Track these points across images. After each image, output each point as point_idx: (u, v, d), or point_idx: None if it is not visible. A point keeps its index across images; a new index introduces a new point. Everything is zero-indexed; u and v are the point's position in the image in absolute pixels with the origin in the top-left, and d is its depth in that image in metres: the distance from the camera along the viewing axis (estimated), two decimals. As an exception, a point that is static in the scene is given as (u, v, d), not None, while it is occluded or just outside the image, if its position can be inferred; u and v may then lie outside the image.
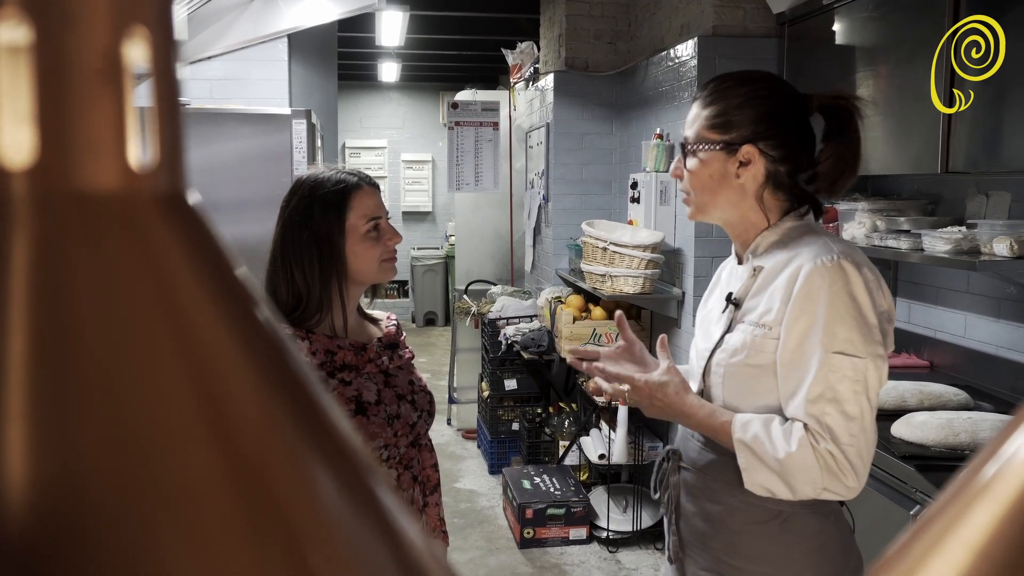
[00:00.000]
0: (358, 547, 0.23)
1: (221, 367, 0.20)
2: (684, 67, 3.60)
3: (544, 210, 5.00)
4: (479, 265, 5.96)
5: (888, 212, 3.02)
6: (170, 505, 0.19)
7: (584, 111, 4.67)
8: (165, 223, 0.20)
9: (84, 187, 0.19)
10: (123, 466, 0.19)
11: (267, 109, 3.49)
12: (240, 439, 0.20)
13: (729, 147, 1.42)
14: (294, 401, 0.22)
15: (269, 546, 0.20)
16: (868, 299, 1.34)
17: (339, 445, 0.23)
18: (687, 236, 3.60)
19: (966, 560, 0.26)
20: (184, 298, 0.20)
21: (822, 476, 1.31)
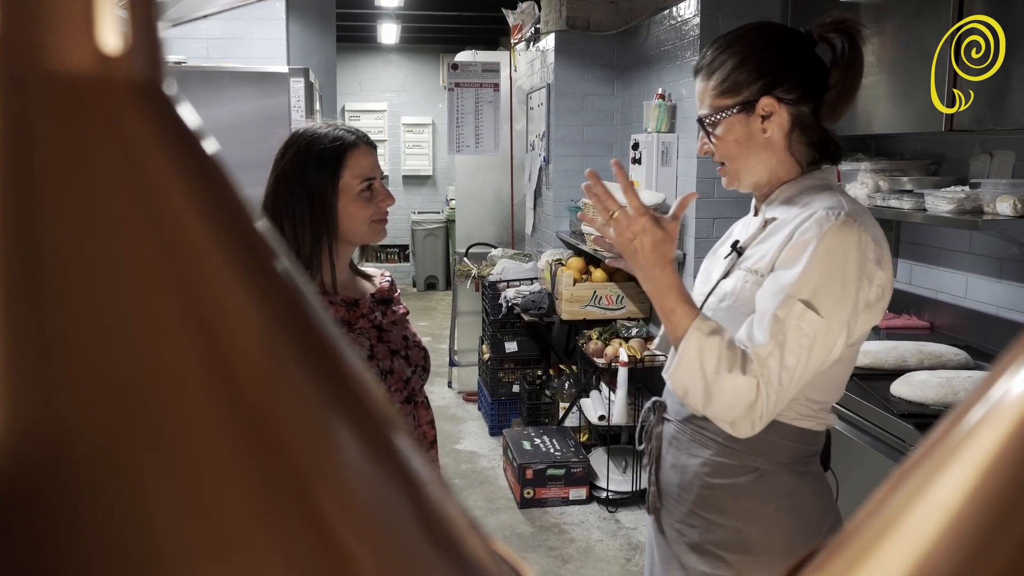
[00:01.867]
0: (370, 490, 0.22)
1: (200, 257, 0.20)
2: (686, 26, 3.55)
3: (545, 172, 4.97)
4: (479, 228, 5.94)
5: (891, 172, 3.00)
6: (154, 425, 0.19)
7: (585, 72, 4.62)
8: (138, 109, 0.20)
9: (53, 67, 0.18)
10: (99, 359, 0.18)
11: (264, 67, 3.45)
12: (222, 330, 0.19)
13: (746, 106, 1.39)
14: (277, 294, 0.21)
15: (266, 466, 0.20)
16: (858, 265, 1.30)
17: (330, 349, 0.23)
18: (688, 197, 3.59)
19: (937, 523, 0.25)
20: (159, 185, 0.19)
21: (744, 410, 1.28)
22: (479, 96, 5.35)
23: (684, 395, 1.32)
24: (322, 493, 0.21)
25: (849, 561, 0.29)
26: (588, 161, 4.72)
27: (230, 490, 0.19)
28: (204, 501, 0.19)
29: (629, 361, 3.71)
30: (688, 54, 3.54)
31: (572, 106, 4.66)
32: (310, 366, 0.22)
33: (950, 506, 0.26)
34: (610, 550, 3.53)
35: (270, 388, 0.21)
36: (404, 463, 0.25)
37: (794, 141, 1.42)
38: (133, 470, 0.18)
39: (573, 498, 3.90)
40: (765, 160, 1.42)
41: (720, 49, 1.42)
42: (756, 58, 1.39)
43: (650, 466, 1.55)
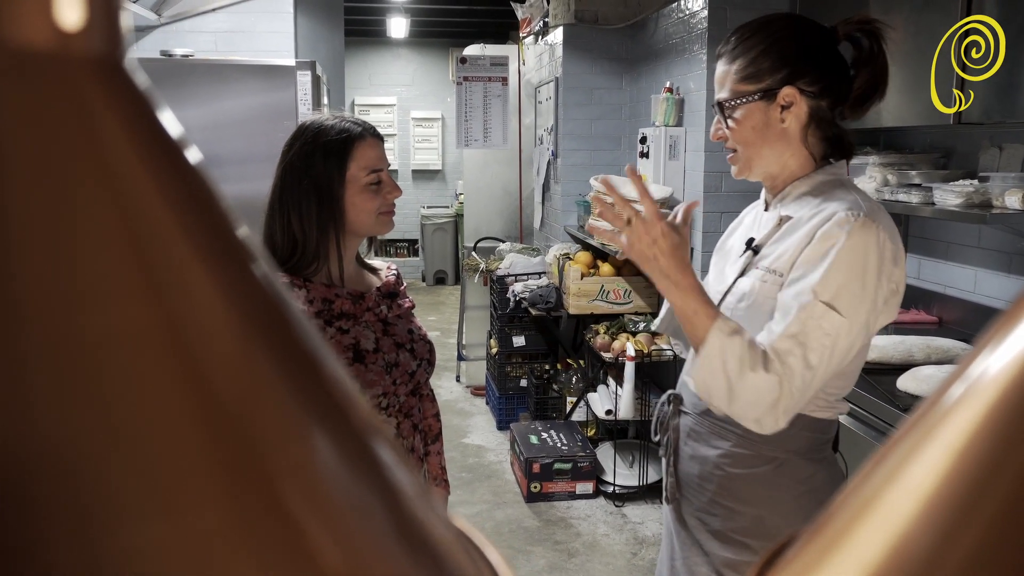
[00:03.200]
0: (329, 466, 0.23)
1: (157, 228, 0.20)
2: (695, 19, 3.54)
3: (553, 166, 4.97)
4: (488, 222, 5.94)
5: (899, 166, 2.98)
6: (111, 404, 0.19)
7: (594, 65, 4.61)
8: (96, 83, 0.20)
9: (13, 41, 0.18)
10: (57, 319, 0.19)
11: (271, 60, 3.45)
12: (175, 293, 0.20)
13: (767, 94, 1.39)
14: (229, 258, 0.21)
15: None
16: (876, 265, 1.32)
17: (281, 313, 0.23)
18: (696, 191, 3.57)
19: (911, 506, 0.26)
20: (118, 160, 0.20)
21: (767, 408, 1.29)
22: (487, 90, 5.35)
23: (707, 395, 1.33)
24: (286, 482, 0.21)
25: (826, 545, 0.29)
26: (596, 155, 4.72)
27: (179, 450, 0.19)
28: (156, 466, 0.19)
29: (636, 355, 3.71)
30: (696, 47, 3.53)
31: (580, 100, 4.65)
32: (261, 329, 0.23)
33: (924, 488, 0.26)
34: (616, 544, 3.53)
35: (224, 353, 0.21)
36: (362, 435, 0.25)
37: (809, 134, 1.42)
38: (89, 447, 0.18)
39: (580, 492, 3.91)
40: (779, 151, 1.42)
41: (745, 35, 1.42)
42: (781, 47, 1.39)
43: (667, 457, 1.57)
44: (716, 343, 1.29)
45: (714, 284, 1.54)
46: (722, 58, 1.44)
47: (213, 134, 3.18)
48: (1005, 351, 0.27)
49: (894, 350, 2.59)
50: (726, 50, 1.44)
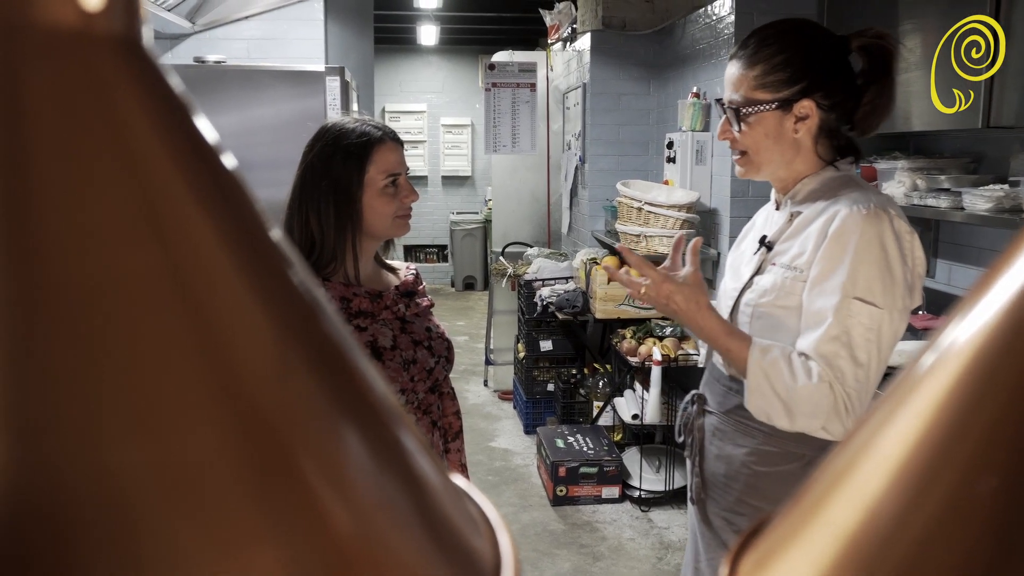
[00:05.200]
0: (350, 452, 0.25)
1: (178, 208, 0.22)
2: (721, 24, 3.54)
3: (581, 172, 4.98)
4: (516, 227, 5.96)
5: (928, 171, 2.96)
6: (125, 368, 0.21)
7: (621, 71, 4.63)
8: (117, 61, 0.22)
9: (37, 20, 0.21)
10: (81, 283, 0.21)
11: (301, 66, 3.51)
12: (191, 262, 0.22)
13: (785, 104, 1.40)
14: (242, 227, 0.23)
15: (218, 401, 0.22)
16: (897, 251, 1.33)
17: (299, 290, 0.25)
18: (723, 196, 3.57)
19: (880, 476, 0.27)
20: (136, 133, 0.22)
21: (828, 414, 1.32)
22: (516, 96, 5.38)
23: (768, 419, 1.37)
24: (306, 461, 0.23)
25: (801, 517, 0.31)
26: (623, 160, 4.72)
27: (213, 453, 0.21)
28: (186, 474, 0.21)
29: (663, 360, 3.70)
30: (723, 52, 3.52)
31: (608, 105, 4.66)
32: (279, 301, 0.25)
33: (893, 456, 0.27)
34: (642, 549, 3.53)
35: (232, 308, 0.23)
36: (380, 414, 0.27)
37: (819, 143, 1.44)
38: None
39: (606, 496, 3.90)
40: (789, 157, 1.44)
41: (767, 41, 1.41)
42: (801, 59, 1.39)
43: (693, 457, 1.58)
44: (758, 370, 1.35)
45: (730, 283, 1.56)
46: (739, 60, 1.44)
47: (245, 139, 3.24)
48: (971, 322, 0.29)
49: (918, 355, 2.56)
50: (744, 53, 1.43)
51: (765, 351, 1.36)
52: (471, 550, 0.28)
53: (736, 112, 1.42)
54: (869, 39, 1.41)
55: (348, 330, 0.28)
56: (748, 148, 1.44)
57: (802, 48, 1.40)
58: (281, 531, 0.22)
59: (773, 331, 1.42)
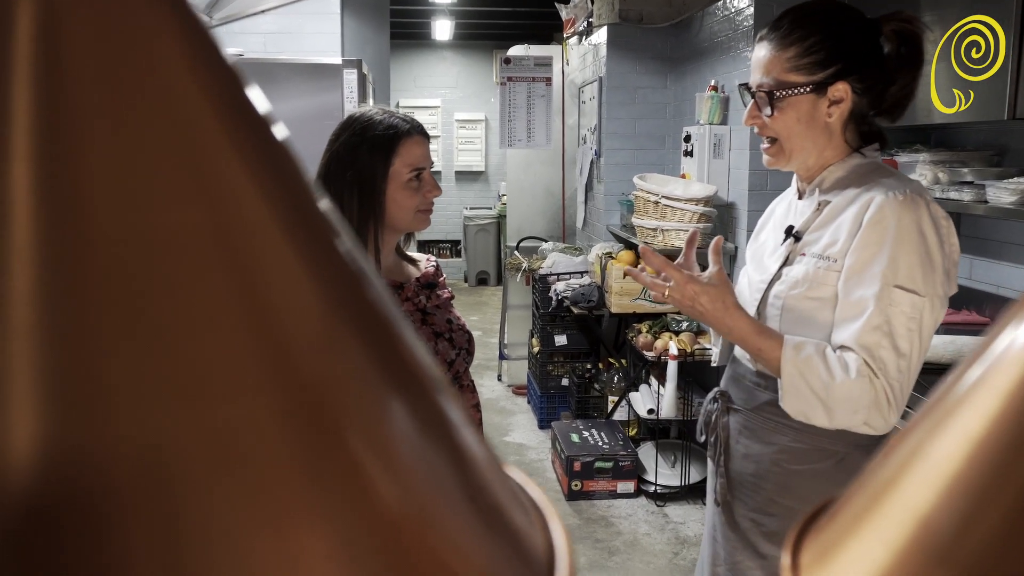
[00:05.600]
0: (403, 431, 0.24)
1: (225, 167, 0.21)
2: (740, 16, 3.51)
3: (596, 166, 4.96)
4: (530, 222, 5.95)
5: (951, 163, 2.93)
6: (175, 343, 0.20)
7: (637, 65, 4.60)
8: (156, 9, 0.21)
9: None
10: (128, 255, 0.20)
11: (318, 59, 3.51)
12: (233, 213, 0.21)
13: (819, 87, 1.36)
14: (298, 210, 0.22)
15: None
16: (936, 237, 1.31)
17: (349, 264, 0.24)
18: (741, 190, 3.54)
19: (958, 454, 0.26)
20: (184, 94, 0.21)
21: (868, 408, 1.29)
22: (531, 90, 5.36)
23: (806, 419, 1.34)
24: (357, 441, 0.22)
25: (867, 504, 0.29)
26: (640, 154, 4.70)
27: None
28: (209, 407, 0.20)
29: (679, 355, 3.69)
30: (742, 45, 3.50)
31: (624, 99, 4.64)
32: (331, 280, 0.24)
33: (947, 466, 0.26)
34: (658, 544, 3.51)
35: (286, 287, 0.22)
36: (437, 404, 0.26)
37: (848, 129, 1.40)
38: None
39: (621, 491, 3.89)
40: (821, 144, 1.40)
41: (798, 22, 1.37)
42: (835, 41, 1.36)
43: (716, 457, 1.54)
44: (792, 369, 1.31)
45: (755, 275, 1.52)
46: (770, 42, 1.39)
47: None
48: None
49: (944, 350, 2.54)
50: (776, 35, 1.38)
51: (799, 348, 1.32)
52: (522, 533, 0.27)
53: (769, 95, 1.38)
54: (901, 23, 1.38)
55: (395, 301, 0.27)
56: (779, 134, 1.39)
57: (836, 30, 1.36)
58: (331, 507, 0.21)
59: (804, 324, 1.38)
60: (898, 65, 1.39)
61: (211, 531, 0.20)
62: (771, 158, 1.45)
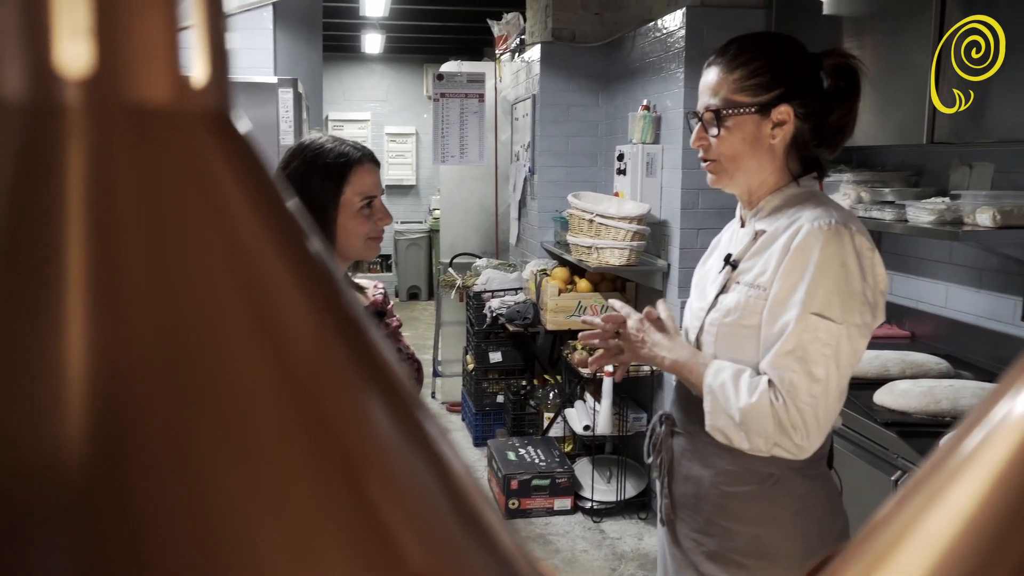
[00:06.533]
0: (412, 477, 0.23)
1: (272, 283, 0.21)
2: (672, 38, 3.59)
3: (530, 182, 4.99)
4: (464, 238, 5.95)
5: (872, 183, 3.04)
6: (221, 420, 0.20)
7: (570, 83, 4.65)
8: (215, 140, 0.20)
9: (137, 99, 0.19)
10: (172, 377, 0.19)
11: (253, 78, 3.45)
12: (289, 351, 0.20)
13: (764, 108, 1.41)
14: (342, 323, 0.22)
15: (323, 465, 0.21)
16: (857, 268, 1.35)
17: (384, 370, 0.23)
18: (673, 208, 3.61)
19: (952, 528, 0.26)
20: (235, 215, 0.20)
21: (775, 432, 1.33)
22: (464, 106, 5.37)
23: (729, 441, 1.39)
24: (365, 472, 0.21)
25: (867, 565, 0.30)
26: (573, 171, 4.75)
27: (283, 462, 0.20)
28: (261, 477, 0.19)
29: (614, 371, 3.72)
30: (673, 66, 3.57)
31: (557, 117, 4.68)
32: (361, 369, 0.23)
33: (964, 511, 0.27)
34: (595, 560, 3.54)
35: (315, 366, 0.22)
36: (445, 460, 0.26)
37: (790, 154, 1.45)
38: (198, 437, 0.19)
39: (558, 508, 3.91)
40: (763, 165, 1.45)
41: (745, 48, 1.43)
42: (782, 65, 1.42)
43: (662, 478, 1.58)
44: (709, 392, 1.38)
45: (696, 303, 1.56)
46: (717, 65, 1.45)
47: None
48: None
49: (870, 365, 2.63)
50: (724, 59, 1.44)
51: (717, 372, 1.38)
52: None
53: (716, 115, 1.43)
54: (839, 58, 1.45)
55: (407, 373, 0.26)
56: (724, 154, 1.44)
57: (781, 56, 1.43)
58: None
59: (736, 351, 1.43)
60: (836, 96, 1.45)
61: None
62: (714, 176, 1.49)
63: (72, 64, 0.18)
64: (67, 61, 0.18)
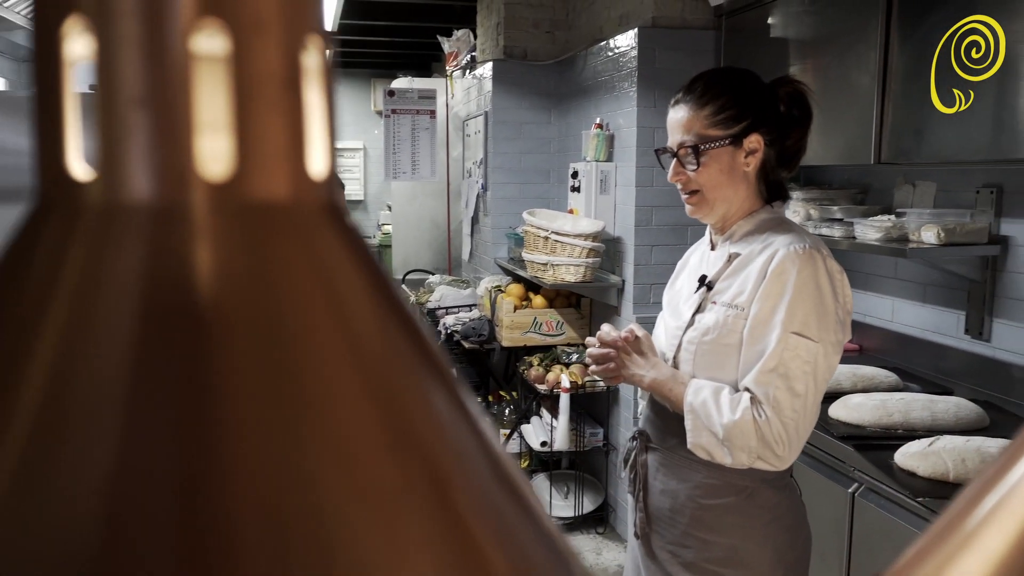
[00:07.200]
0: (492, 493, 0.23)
1: (388, 367, 0.21)
2: (624, 57, 3.64)
3: (483, 199, 5.00)
4: (416, 255, 5.93)
5: (821, 201, 3.12)
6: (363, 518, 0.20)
7: (523, 100, 4.68)
8: (334, 232, 0.20)
9: (266, 197, 0.19)
10: (294, 476, 0.19)
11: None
12: (420, 455, 0.20)
13: (736, 139, 1.49)
14: (463, 420, 0.22)
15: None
16: (830, 288, 1.43)
17: (499, 460, 0.24)
18: (627, 225, 3.65)
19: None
20: (362, 315, 0.20)
21: (759, 446, 1.40)
22: (415, 123, 5.36)
23: (711, 457, 1.44)
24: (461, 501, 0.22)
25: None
26: (526, 188, 4.77)
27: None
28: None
29: (571, 387, 3.74)
30: (626, 85, 3.62)
31: (509, 134, 4.70)
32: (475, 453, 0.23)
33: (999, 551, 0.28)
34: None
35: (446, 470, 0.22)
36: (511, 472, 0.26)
37: (760, 180, 1.53)
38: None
39: (516, 525, 3.90)
40: (740, 193, 1.52)
41: (710, 85, 1.51)
42: (745, 99, 1.50)
43: (636, 493, 1.62)
44: (691, 410, 1.44)
45: (671, 321, 1.61)
46: (685, 104, 1.52)
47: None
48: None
49: (823, 379, 2.69)
50: (691, 97, 1.52)
51: (697, 392, 1.44)
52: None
53: (694, 150, 1.50)
54: (790, 85, 1.54)
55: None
56: (703, 186, 1.51)
57: (744, 89, 1.52)
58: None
59: (715, 367, 1.48)
60: (792, 121, 1.53)
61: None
62: (694, 207, 1.55)
63: (209, 167, 0.18)
64: (205, 164, 0.18)
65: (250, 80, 0.18)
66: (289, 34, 0.19)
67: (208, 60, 0.18)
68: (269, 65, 0.18)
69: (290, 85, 0.19)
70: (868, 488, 2.17)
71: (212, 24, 0.18)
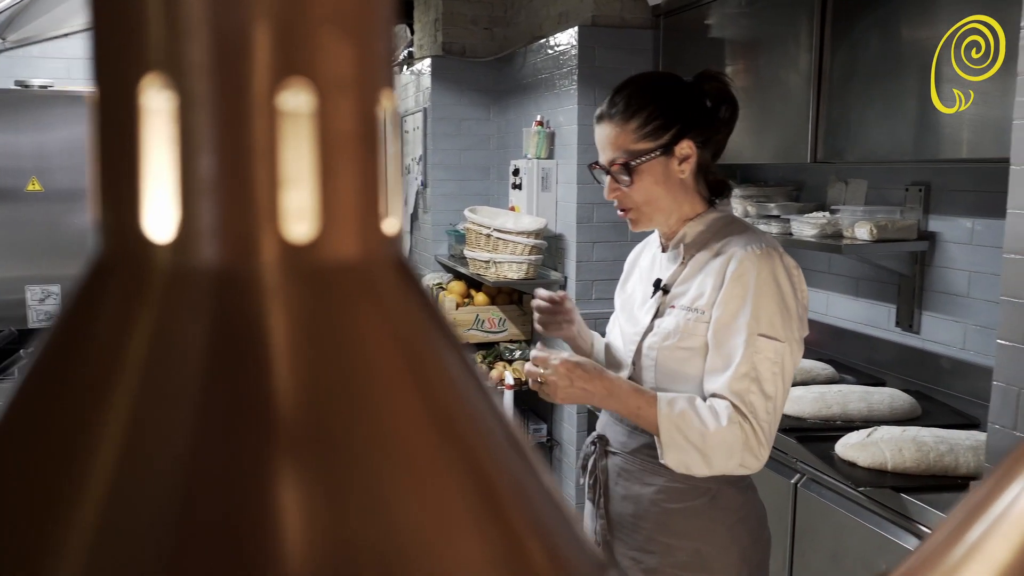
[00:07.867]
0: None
1: (464, 419, 0.21)
2: (564, 56, 3.66)
3: (422, 196, 4.97)
4: (355, 252, 5.87)
5: (758, 198, 3.19)
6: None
7: (462, 96, 4.67)
8: (406, 289, 0.20)
9: (350, 256, 0.19)
10: (385, 536, 0.19)
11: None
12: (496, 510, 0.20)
13: (667, 148, 1.47)
14: (527, 470, 0.22)
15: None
16: (789, 286, 1.44)
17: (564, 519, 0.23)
18: (569, 222, 3.68)
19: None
20: (441, 383, 0.20)
21: (742, 451, 1.39)
22: (353, 119, 5.29)
23: (688, 470, 1.41)
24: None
25: None
26: (466, 184, 4.76)
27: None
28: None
29: (514, 384, 3.75)
30: (566, 83, 3.64)
31: (449, 130, 4.68)
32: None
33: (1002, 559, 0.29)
34: (501, 573, 3.55)
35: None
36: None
37: (699, 181, 1.52)
38: None
39: (461, 523, 3.90)
40: (679, 199, 1.51)
41: (632, 96, 1.48)
42: (670, 105, 1.48)
43: (597, 499, 1.59)
44: (669, 424, 1.39)
45: (628, 328, 1.59)
46: (610, 120, 1.49)
47: (76, 167, 2.99)
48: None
49: (763, 372, 2.75)
50: (615, 111, 1.48)
51: (672, 404, 1.40)
52: None
53: (625, 167, 1.47)
54: (713, 81, 1.52)
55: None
56: (640, 201, 1.49)
57: (668, 95, 1.49)
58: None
59: (676, 373, 1.47)
60: (719, 119, 1.52)
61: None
62: (635, 221, 1.53)
63: (292, 227, 0.18)
64: (287, 225, 0.18)
65: (333, 138, 0.18)
66: (368, 90, 0.18)
67: (292, 118, 0.17)
68: (350, 122, 0.18)
69: (368, 142, 0.18)
70: (810, 479, 2.23)
71: (296, 83, 0.17)
